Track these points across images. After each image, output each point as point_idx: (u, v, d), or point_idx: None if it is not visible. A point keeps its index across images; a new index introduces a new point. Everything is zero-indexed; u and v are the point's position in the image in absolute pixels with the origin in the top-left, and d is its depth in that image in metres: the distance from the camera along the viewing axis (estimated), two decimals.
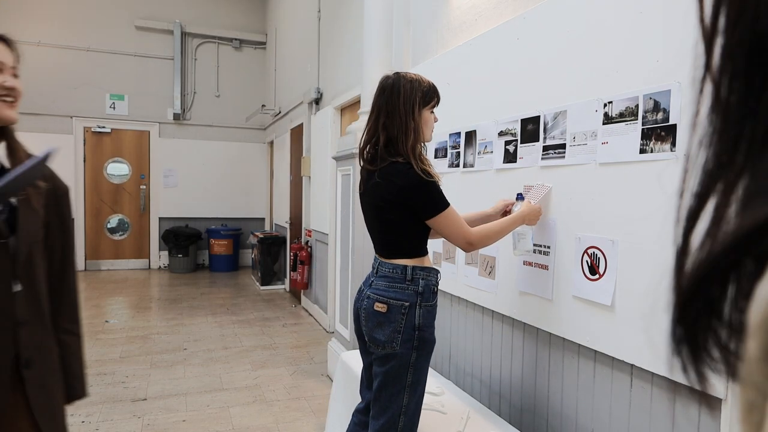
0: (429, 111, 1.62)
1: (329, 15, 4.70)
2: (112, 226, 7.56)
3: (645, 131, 1.39)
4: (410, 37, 2.98)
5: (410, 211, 1.54)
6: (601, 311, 1.53)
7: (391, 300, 1.56)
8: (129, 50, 7.43)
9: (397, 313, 1.55)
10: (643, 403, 1.44)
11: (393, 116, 1.57)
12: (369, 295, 1.61)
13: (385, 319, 1.56)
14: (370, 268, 1.70)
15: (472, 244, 1.59)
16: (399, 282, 1.57)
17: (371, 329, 1.59)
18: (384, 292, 1.58)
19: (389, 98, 1.59)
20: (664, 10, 1.34)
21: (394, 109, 1.57)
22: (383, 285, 1.59)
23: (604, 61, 1.52)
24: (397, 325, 1.54)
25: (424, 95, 1.59)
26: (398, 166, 1.54)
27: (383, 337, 1.55)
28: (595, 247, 1.55)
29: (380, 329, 1.56)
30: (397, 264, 1.58)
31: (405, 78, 1.60)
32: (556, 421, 1.75)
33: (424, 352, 1.57)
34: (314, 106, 5.07)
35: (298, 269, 5.26)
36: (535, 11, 1.83)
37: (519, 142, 1.89)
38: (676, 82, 1.30)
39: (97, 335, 4.30)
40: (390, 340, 1.54)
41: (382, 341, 1.56)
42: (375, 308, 1.57)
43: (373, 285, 1.62)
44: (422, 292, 1.57)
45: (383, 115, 1.59)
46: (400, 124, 1.56)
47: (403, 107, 1.56)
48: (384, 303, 1.56)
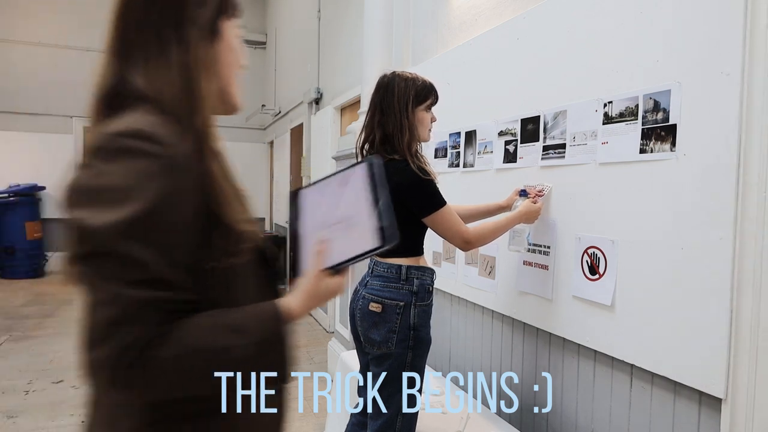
0: (424, 110, 1.61)
1: (329, 15, 4.70)
2: None
3: (645, 131, 1.39)
4: (410, 37, 2.98)
5: (406, 209, 1.54)
6: (601, 311, 1.53)
7: (386, 300, 1.56)
8: None
9: (392, 313, 1.55)
10: (643, 403, 1.44)
11: (388, 114, 1.57)
12: (364, 295, 1.61)
13: (381, 319, 1.56)
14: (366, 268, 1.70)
15: (470, 243, 1.59)
16: (394, 282, 1.57)
17: (367, 329, 1.59)
18: (379, 292, 1.58)
19: (384, 96, 1.59)
20: (664, 10, 1.34)
21: (388, 106, 1.58)
22: (378, 285, 1.59)
23: (604, 61, 1.52)
24: (393, 324, 1.54)
25: (417, 94, 1.59)
26: (395, 164, 1.54)
27: (379, 337, 1.55)
28: (595, 247, 1.55)
29: (375, 329, 1.56)
30: (392, 263, 1.58)
31: (400, 76, 1.60)
32: (556, 421, 1.75)
33: (419, 351, 1.57)
34: (314, 106, 5.07)
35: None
36: (535, 11, 1.83)
37: (519, 141, 1.89)
38: (676, 82, 1.30)
39: None
40: (385, 340, 1.54)
41: (377, 341, 1.56)
42: (370, 308, 1.57)
43: (368, 285, 1.62)
44: (417, 291, 1.57)
45: (378, 112, 1.60)
46: (395, 121, 1.56)
47: (397, 105, 1.56)
48: (379, 303, 1.56)
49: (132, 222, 0.59)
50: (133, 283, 0.59)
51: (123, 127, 0.63)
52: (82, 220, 0.59)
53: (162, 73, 0.69)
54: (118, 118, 0.66)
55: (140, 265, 0.59)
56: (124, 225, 0.58)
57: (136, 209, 0.59)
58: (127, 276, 0.59)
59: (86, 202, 0.60)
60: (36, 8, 7.01)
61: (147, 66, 0.70)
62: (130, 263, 0.59)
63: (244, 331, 0.66)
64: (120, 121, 0.65)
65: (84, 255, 0.59)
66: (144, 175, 0.61)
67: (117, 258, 0.58)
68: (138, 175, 0.60)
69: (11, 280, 6.49)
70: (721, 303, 1.19)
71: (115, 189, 0.60)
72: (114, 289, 0.58)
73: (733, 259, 1.17)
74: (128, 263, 0.59)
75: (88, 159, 0.63)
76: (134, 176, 0.60)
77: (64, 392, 3.14)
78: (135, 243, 0.59)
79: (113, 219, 0.58)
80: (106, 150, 0.62)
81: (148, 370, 0.59)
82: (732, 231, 1.16)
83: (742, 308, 1.16)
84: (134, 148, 0.61)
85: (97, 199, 0.60)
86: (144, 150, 0.62)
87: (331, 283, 0.76)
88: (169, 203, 0.62)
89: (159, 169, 0.62)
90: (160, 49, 0.70)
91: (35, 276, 6.67)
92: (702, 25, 1.24)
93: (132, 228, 0.59)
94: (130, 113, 0.67)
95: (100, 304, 0.59)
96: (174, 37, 0.70)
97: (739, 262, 1.16)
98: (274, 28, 7.42)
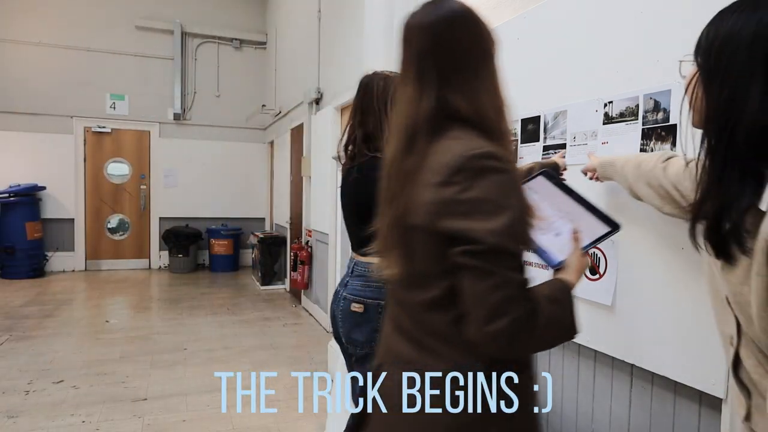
0: None
1: (329, 15, 4.70)
2: (113, 226, 7.56)
3: (645, 131, 1.39)
4: None
5: None
6: (601, 311, 1.53)
7: (367, 300, 1.56)
8: (129, 50, 7.43)
9: (374, 312, 1.55)
10: (643, 403, 1.43)
11: (367, 113, 1.58)
12: (345, 296, 1.61)
13: (363, 319, 1.56)
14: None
15: None
16: (374, 281, 1.57)
17: (349, 330, 1.59)
18: (360, 292, 1.58)
19: (363, 96, 1.60)
20: (664, 10, 1.34)
21: (368, 106, 1.58)
22: (359, 285, 1.59)
23: (604, 61, 1.52)
24: (375, 324, 1.54)
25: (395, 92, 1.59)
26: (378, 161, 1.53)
27: (362, 337, 1.56)
28: (595, 247, 1.55)
29: (358, 329, 1.57)
30: (372, 262, 1.57)
31: (379, 76, 1.61)
32: (557, 422, 1.75)
33: None
34: (314, 106, 5.06)
35: (298, 269, 5.26)
36: (535, 11, 1.83)
37: (519, 141, 1.89)
38: (676, 82, 1.30)
39: (97, 335, 4.30)
40: (369, 340, 1.55)
41: (360, 341, 1.56)
42: (352, 309, 1.58)
43: (349, 285, 1.62)
44: None
45: (359, 112, 1.61)
46: (374, 121, 1.57)
47: (375, 104, 1.57)
48: (360, 303, 1.57)
49: (510, 225, 0.78)
50: (516, 269, 0.80)
51: (477, 149, 0.81)
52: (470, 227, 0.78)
53: (479, 97, 0.88)
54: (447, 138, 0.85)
55: (517, 256, 0.80)
56: (506, 228, 0.77)
57: (510, 216, 0.78)
58: (513, 264, 0.79)
59: (465, 212, 0.79)
60: (36, 8, 7.00)
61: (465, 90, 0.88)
62: (513, 256, 0.79)
63: (561, 301, 0.86)
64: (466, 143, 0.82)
65: (476, 252, 0.78)
66: (507, 189, 0.80)
67: (506, 253, 0.78)
68: (503, 189, 0.80)
69: (11, 280, 6.48)
70: None
71: (491, 201, 0.78)
72: (508, 274, 0.78)
73: None
74: (512, 256, 0.79)
75: (448, 177, 0.80)
76: (500, 190, 0.79)
77: (64, 392, 3.14)
78: (512, 241, 0.79)
79: (499, 225, 0.77)
80: (470, 169, 0.79)
81: (533, 333, 0.80)
82: None
83: None
84: (493, 167, 0.80)
85: (477, 209, 0.78)
86: (499, 168, 0.80)
87: (585, 260, 1.00)
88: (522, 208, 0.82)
89: (513, 183, 0.82)
90: (476, 76, 0.89)
91: (35, 276, 6.67)
92: (702, 25, 1.24)
93: (511, 230, 0.78)
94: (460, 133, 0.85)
95: (494, 287, 0.77)
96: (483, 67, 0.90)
97: None
98: (274, 28, 7.42)
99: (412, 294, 0.91)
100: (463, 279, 0.81)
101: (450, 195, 0.80)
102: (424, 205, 0.83)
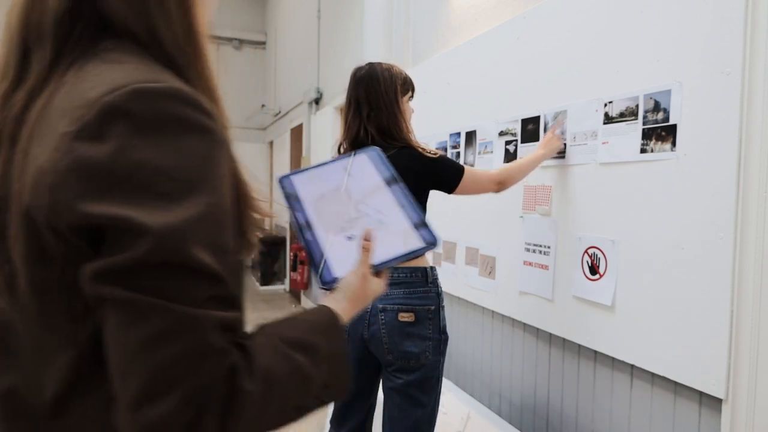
0: (407, 101, 1.59)
1: (329, 15, 4.70)
2: None
3: (645, 131, 1.39)
4: (410, 37, 2.97)
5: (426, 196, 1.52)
6: (601, 311, 1.53)
7: (417, 307, 1.44)
8: None
9: (425, 319, 1.46)
10: (643, 403, 1.43)
11: (377, 106, 1.51)
12: (384, 308, 1.45)
13: (414, 330, 1.44)
14: None
15: (502, 183, 1.60)
16: (420, 286, 1.46)
17: (399, 343, 1.44)
18: (406, 300, 1.44)
19: (368, 88, 1.53)
20: (664, 10, 1.34)
21: (376, 99, 1.51)
22: (401, 292, 1.45)
23: (604, 61, 1.52)
24: (426, 332, 1.46)
25: (403, 83, 1.56)
26: (407, 152, 1.48)
27: (416, 348, 1.43)
28: (595, 247, 1.55)
29: (410, 341, 1.44)
30: (416, 267, 1.46)
31: (381, 66, 1.56)
32: (557, 421, 1.75)
33: (445, 354, 1.53)
34: (314, 106, 5.06)
35: (298, 269, 5.26)
36: (535, 11, 1.82)
37: (519, 141, 1.89)
38: (676, 82, 1.30)
39: None
40: (423, 351, 1.45)
41: (415, 353, 1.43)
42: (400, 319, 1.43)
43: (387, 296, 1.44)
44: (440, 293, 1.52)
45: (365, 106, 1.52)
46: (388, 113, 1.50)
47: (386, 96, 1.51)
48: (410, 311, 1.44)
49: (201, 221, 0.43)
50: (212, 299, 0.43)
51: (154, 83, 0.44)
52: (128, 219, 0.41)
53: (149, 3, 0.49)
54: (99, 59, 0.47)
55: (212, 277, 0.43)
56: (193, 226, 0.42)
57: (209, 204, 0.44)
58: (204, 291, 0.43)
59: (121, 191, 0.41)
60: None
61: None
62: (201, 276, 0.43)
63: (311, 348, 0.52)
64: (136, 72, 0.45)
65: (133, 269, 0.41)
66: (207, 158, 0.45)
67: (186, 270, 0.42)
68: (199, 156, 0.44)
69: None
70: (721, 303, 1.19)
71: (172, 176, 0.43)
72: (188, 312, 0.41)
73: (733, 259, 1.16)
74: (200, 276, 0.43)
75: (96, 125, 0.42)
76: (192, 158, 0.44)
77: None
78: (204, 249, 0.43)
79: (179, 218, 0.42)
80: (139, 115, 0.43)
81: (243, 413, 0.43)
82: (732, 231, 1.16)
83: (743, 308, 1.15)
84: (184, 117, 0.44)
85: (146, 187, 0.42)
86: (195, 121, 0.45)
87: (376, 284, 0.67)
88: (226, 194, 0.47)
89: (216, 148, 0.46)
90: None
91: None
92: (702, 25, 1.24)
93: (202, 229, 0.43)
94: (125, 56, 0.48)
95: (157, 336, 0.41)
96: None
97: (740, 262, 1.16)
98: (274, 28, 7.42)
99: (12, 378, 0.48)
100: (107, 322, 0.42)
101: (96, 157, 0.41)
102: (43, 176, 0.42)
